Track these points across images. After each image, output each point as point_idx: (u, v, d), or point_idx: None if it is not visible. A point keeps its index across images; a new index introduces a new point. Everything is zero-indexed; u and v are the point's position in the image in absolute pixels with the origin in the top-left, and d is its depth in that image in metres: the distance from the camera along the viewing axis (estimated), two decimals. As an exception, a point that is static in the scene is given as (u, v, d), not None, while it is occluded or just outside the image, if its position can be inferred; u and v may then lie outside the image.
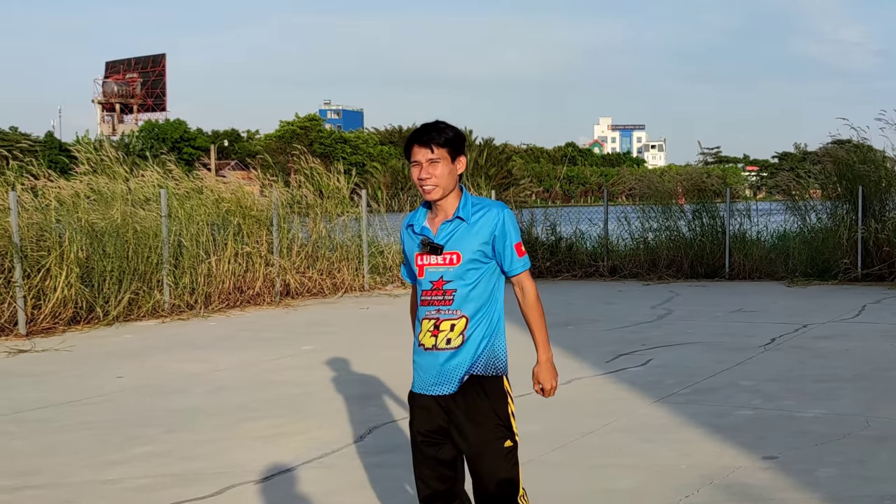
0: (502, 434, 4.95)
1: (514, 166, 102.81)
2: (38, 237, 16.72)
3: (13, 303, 15.80)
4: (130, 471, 8.31)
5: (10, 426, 10.05)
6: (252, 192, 20.91)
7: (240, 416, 10.24)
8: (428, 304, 5.03)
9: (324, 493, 7.58)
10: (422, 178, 4.93)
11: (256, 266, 19.84)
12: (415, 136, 4.99)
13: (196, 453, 8.82)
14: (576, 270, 25.10)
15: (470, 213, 4.97)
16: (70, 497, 7.60)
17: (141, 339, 15.81)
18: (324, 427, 9.70)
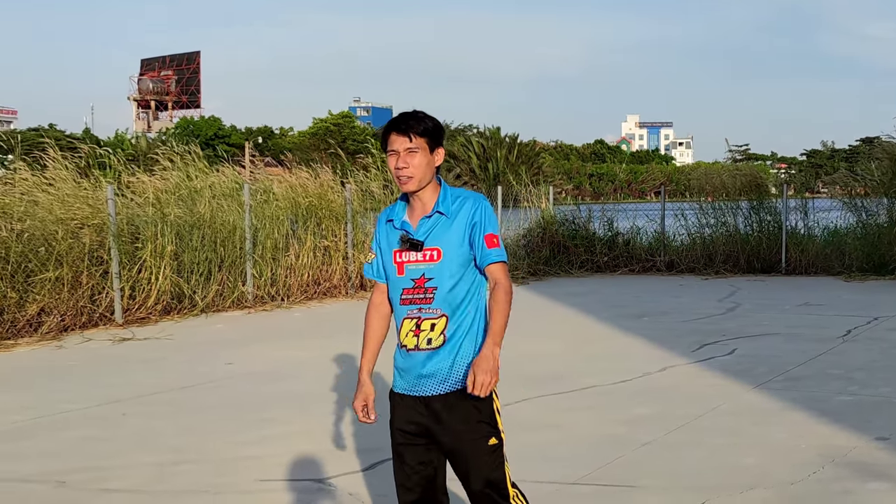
0: (486, 432, 4.78)
1: (543, 163, 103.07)
2: (132, 231, 17.25)
3: (111, 293, 16.35)
4: (269, 449, 8.81)
5: (141, 408, 10.57)
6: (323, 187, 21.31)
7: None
8: (409, 304, 4.84)
9: (468, 469, 8.07)
10: (398, 167, 4.76)
11: (334, 259, 20.36)
12: (392, 124, 4.83)
13: (338, 433, 9.31)
14: (633, 265, 25.49)
15: (450, 206, 4.81)
16: (222, 470, 8.11)
17: (232, 328, 16.35)
18: (446, 409, 10.18)
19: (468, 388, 4.54)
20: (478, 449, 4.76)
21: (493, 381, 4.55)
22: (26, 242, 15.64)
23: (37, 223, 16.06)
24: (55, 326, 15.27)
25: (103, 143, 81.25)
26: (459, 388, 4.70)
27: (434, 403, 4.78)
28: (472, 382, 4.54)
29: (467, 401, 4.69)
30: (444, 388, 4.76)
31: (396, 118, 4.82)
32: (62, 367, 13.01)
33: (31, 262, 15.56)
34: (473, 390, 4.53)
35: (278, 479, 7.86)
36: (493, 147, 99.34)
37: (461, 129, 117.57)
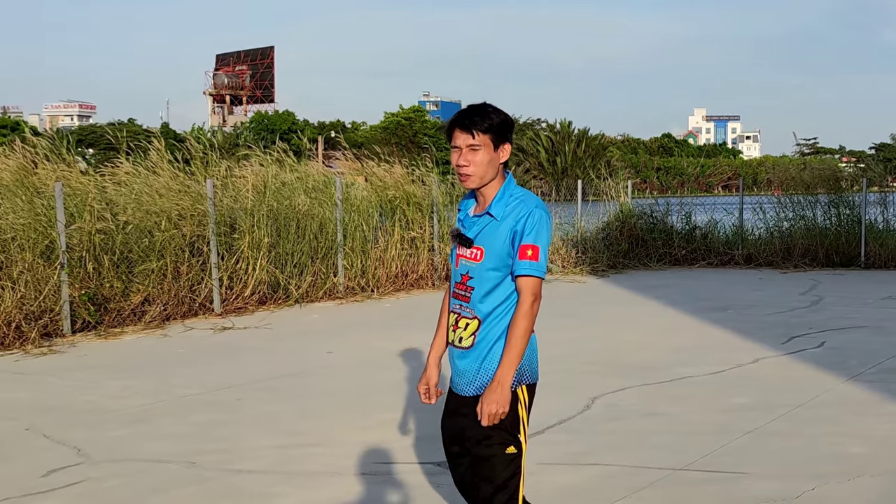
0: (504, 439, 4.64)
1: (611, 157, 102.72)
2: (230, 223, 17.62)
3: (210, 283, 16.72)
4: (386, 434, 9.06)
5: (255, 394, 10.87)
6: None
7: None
8: (455, 297, 4.83)
9: (579, 453, 8.28)
10: (459, 164, 4.65)
11: (420, 251, 20.62)
12: (457, 119, 4.68)
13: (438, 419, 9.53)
14: (711, 258, 25.48)
15: (503, 208, 4.64)
16: (345, 453, 8.36)
17: (327, 318, 16.65)
18: (549, 397, 10.38)
19: (478, 414, 4.57)
20: (493, 455, 4.65)
21: (502, 412, 4.52)
22: (130, 234, 16.05)
23: (142, 214, 16.46)
24: (158, 316, 15.65)
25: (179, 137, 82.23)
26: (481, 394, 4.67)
27: (463, 405, 4.79)
28: (479, 411, 4.56)
29: None
30: (471, 390, 4.74)
31: (462, 112, 4.70)
32: (171, 354, 13.37)
33: (134, 252, 15.96)
34: (481, 419, 4.55)
35: (400, 462, 8.10)
36: (561, 141, 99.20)
37: (530, 123, 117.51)
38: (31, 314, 14.19)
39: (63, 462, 8.27)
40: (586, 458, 8.16)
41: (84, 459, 8.35)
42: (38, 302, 14.28)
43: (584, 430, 9.09)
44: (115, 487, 7.60)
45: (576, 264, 24.10)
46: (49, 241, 14.91)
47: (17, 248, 14.63)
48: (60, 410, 10.19)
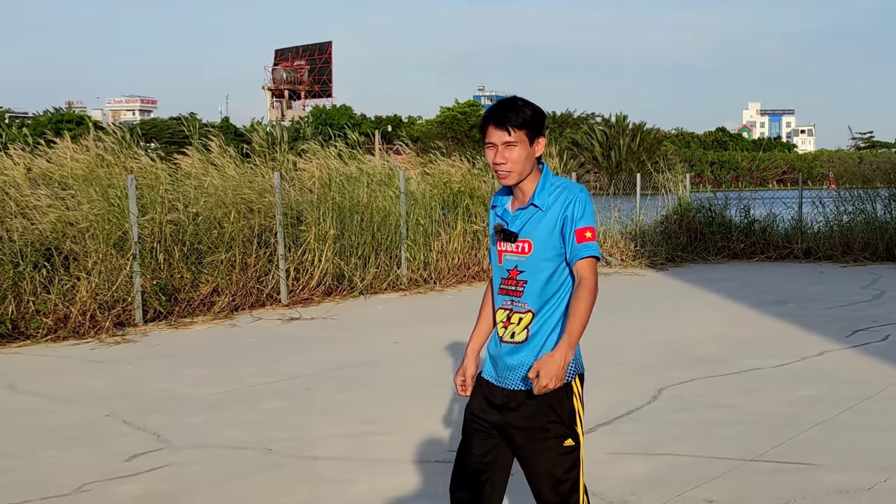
0: (561, 432, 4.53)
1: (666, 151, 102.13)
2: (296, 215, 17.76)
3: (277, 275, 16.87)
4: (457, 423, 9.10)
5: (324, 383, 10.97)
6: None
7: (530, 378, 10.97)
8: (504, 294, 4.67)
9: (648, 444, 8.29)
10: (496, 162, 4.52)
11: (482, 244, 20.66)
12: (490, 116, 4.55)
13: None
14: (770, 252, 25.28)
15: (546, 198, 4.53)
16: (417, 441, 8.44)
17: (392, 309, 16.75)
18: (616, 387, 10.41)
19: (531, 377, 4.31)
20: (550, 449, 4.53)
21: (554, 386, 4.26)
22: (200, 225, 16.24)
23: (211, 206, 16.64)
24: (226, 306, 15.81)
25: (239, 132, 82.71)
26: None
27: (513, 399, 4.59)
28: (534, 374, 4.29)
29: (545, 399, 4.48)
30: (526, 384, 4.54)
31: (494, 108, 4.56)
32: (241, 344, 13.52)
33: (204, 244, 16.14)
34: (533, 383, 4.30)
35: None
36: (615, 135, 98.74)
37: (584, 118, 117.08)
38: (105, 304, 14.40)
39: (144, 447, 8.41)
40: (656, 448, 8.17)
41: (164, 445, 8.49)
42: (111, 292, 14.48)
43: (652, 420, 9.10)
44: (196, 473, 7.72)
45: (634, 257, 24.02)
46: (122, 232, 15.10)
47: (91, 240, 14.83)
48: (137, 397, 10.35)
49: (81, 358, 12.58)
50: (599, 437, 8.50)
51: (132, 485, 7.41)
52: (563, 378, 4.29)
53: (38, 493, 7.23)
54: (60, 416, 9.68)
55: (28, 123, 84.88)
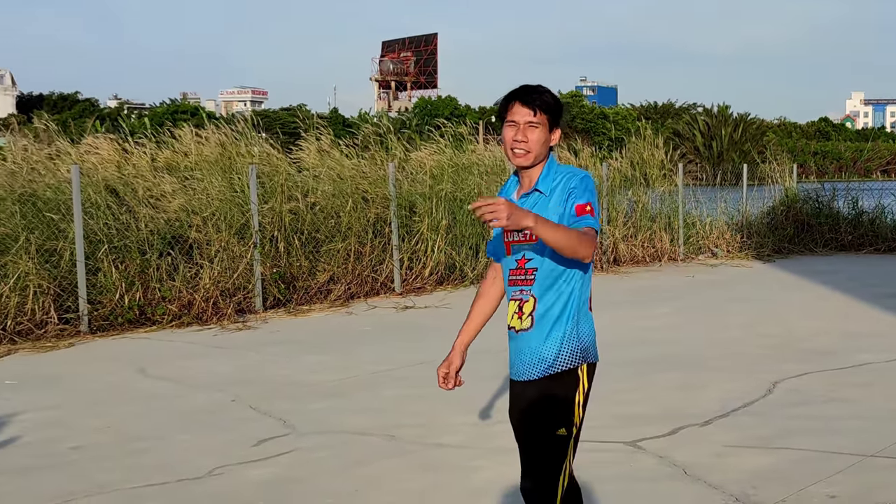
0: (556, 419, 4.44)
1: (768, 141, 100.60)
2: (410, 206, 17.84)
3: (391, 264, 16.97)
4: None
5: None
6: None
7: (644, 369, 10.91)
8: (514, 285, 4.56)
9: (767, 437, 8.17)
10: (516, 139, 4.41)
11: (590, 234, 20.54)
12: (519, 94, 4.46)
13: (629, 399, 9.54)
14: (879, 244, 24.76)
15: (550, 183, 4.44)
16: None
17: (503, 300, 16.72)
18: (730, 380, 10.29)
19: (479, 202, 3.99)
20: (541, 434, 4.47)
21: (499, 217, 3.89)
22: (317, 214, 16.40)
23: (328, 195, 16.80)
24: (342, 294, 15.96)
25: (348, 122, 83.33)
26: (546, 374, 4.44)
27: (525, 389, 4.53)
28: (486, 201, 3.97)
29: (549, 387, 4.44)
30: (534, 373, 4.49)
31: (520, 89, 4.48)
32: (358, 331, 13.63)
33: (321, 233, 16.30)
34: (482, 204, 3.95)
35: (591, 441, 8.11)
36: (717, 125, 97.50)
37: (686, 108, 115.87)
38: (227, 291, 14.63)
39: (271, 433, 8.53)
40: (774, 441, 8.05)
41: (290, 430, 8.59)
42: (232, 279, 14.70)
43: (768, 413, 8.97)
44: (323, 458, 7.80)
45: (740, 249, 23.70)
46: (243, 220, 15.32)
47: (214, 228, 15.06)
48: (261, 383, 10.49)
49: (205, 344, 12.80)
50: (716, 430, 8.42)
51: (262, 469, 7.52)
52: (509, 220, 3.93)
53: (174, 475, 7.38)
54: (189, 400, 9.86)
55: (146, 114, 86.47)
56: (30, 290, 12.92)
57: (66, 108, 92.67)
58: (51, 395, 10.11)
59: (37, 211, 13.74)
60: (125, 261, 13.93)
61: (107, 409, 9.51)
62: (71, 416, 9.28)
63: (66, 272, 13.49)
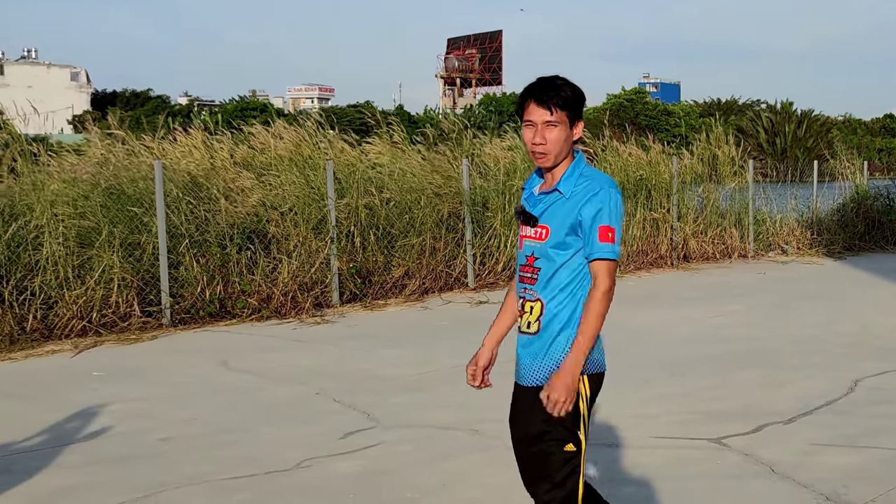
0: (562, 435, 4.23)
1: (833, 138, 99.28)
2: (482, 201, 17.78)
3: (464, 259, 16.93)
4: (664, 407, 9.00)
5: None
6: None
7: (723, 366, 10.77)
8: (521, 281, 4.42)
9: (852, 436, 8.03)
10: (534, 142, 4.25)
11: (661, 231, 20.40)
12: (532, 92, 4.27)
13: (711, 396, 9.42)
14: (952, 243, 24.34)
15: (572, 186, 4.25)
16: (620, 426, 8.34)
17: (575, 294, 16.63)
18: (811, 378, 10.13)
19: (542, 400, 4.14)
20: (549, 453, 4.26)
21: (569, 402, 4.09)
22: (391, 210, 16.40)
23: (401, 191, 16.79)
24: (417, 289, 15.94)
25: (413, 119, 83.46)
26: (546, 383, 4.24)
27: (526, 396, 4.35)
28: (545, 397, 4.13)
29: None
30: (534, 380, 4.31)
31: (535, 85, 4.29)
32: (434, 326, 13.61)
33: (396, 228, 16.30)
34: (546, 406, 4.12)
35: (676, 437, 8.04)
36: (781, 122, 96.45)
37: (749, 104, 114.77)
38: (304, 285, 14.67)
39: (356, 426, 8.52)
40: (860, 440, 7.90)
41: (375, 424, 8.58)
42: (310, 274, 14.75)
43: (851, 412, 8.81)
44: (409, 452, 7.78)
45: (811, 246, 23.38)
46: (320, 215, 15.35)
47: (292, 223, 15.11)
48: (343, 377, 10.50)
49: (285, 337, 12.84)
50: (801, 428, 8.28)
51: (350, 461, 7.52)
52: (574, 396, 4.11)
53: (262, 467, 7.39)
54: (272, 393, 9.89)
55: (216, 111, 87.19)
56: (114, 284, 13.04)
57: (138, 104, 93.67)
58: (137, 387, 10.19)
59: (121, 205, 13.85)
60: (206, 255, 14.01)
61: (192, 402, 9.56)
62: (158, 407, 9.34)
63: (148, 266, 13.60)
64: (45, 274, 12.77)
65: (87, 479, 7.19)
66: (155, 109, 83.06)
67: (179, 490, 6.92)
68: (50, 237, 13.00)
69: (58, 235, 13.05)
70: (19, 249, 12.88)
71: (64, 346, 12.20)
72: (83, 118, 59.61)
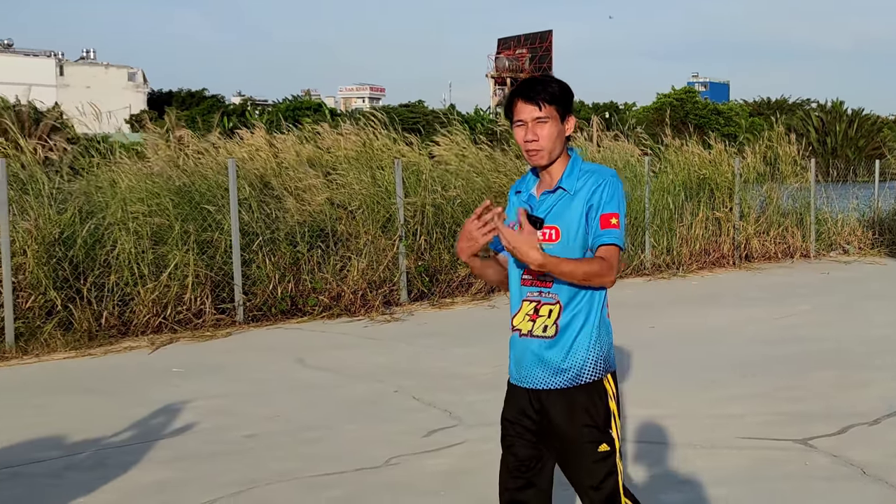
0: (595, 437, 4.16)
1: (884, 138, 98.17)
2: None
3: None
4: (744, 408, 8.89)
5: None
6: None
7: (800, 366, 10.64)
8: (530, 285, 4.23)
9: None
10: (527, 139, 4.15)
11: (723, 230, 20.25)
12: (518, 91, 4.21)
13: (792, 396, 9.30)
14: None
15: (574, 181, 4.16)
16: (704, 426, 8.26)
17: (639, 293, 16.52)
18: (891, 379, 9.97)
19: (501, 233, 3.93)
20: (585, 455, 4.17)
21: (514, 248, 3.89)
22: (456, 208, 16.37)
23: (465, 189, 16.75)
24: (483, 287, 15.89)
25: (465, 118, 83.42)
26: (571, 385, 4.16)
27: (544, 399, 4.21)
28: (506, 231, 3.93)
29: (578, 400, 4.17)
30: (556, 382, 4.18)
31: (522, 84, 4.24)
32: (503, 325, 13.43)
33: (461, 227, 16.24)
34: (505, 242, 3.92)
35: (761, 438, 7.94)
36: (832, 121, 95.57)
37: (799, 103, 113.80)
38: (373, 283, 14.67)
39: (439, 424, 8.50)
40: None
41: (457, 422, 8.56)
42: (378, 272, 14.75)
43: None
44: (494, 450, 7.65)
45: (872, 246, 23.12)
46: (388, 214, 15.35)
47: (362, 221, 15.12)
48: (419, 374, 10.48)
49: (357, 335, 12.85)
50: (887, 429, 8.17)
51: (437, 459, 7.50)
52: (524, 254, 3.90)
53: (350, 464, 7.37)
54: (349, 390, 9.89)
55: (269, 111, 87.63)
56: (189, 281, 13.10)
57: (193, 104, 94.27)
58: (217, 384, 10.24)
59: (194, 204, 13.92)
60: (276, 253, 14.05)
61: (272, 398, 9.58)
62: (239, 404, 9.37)
63: (220, 263, 13.66)
64: (121, 271, 12.85)
65: (178, 475, 7.23)
66: (210, 109, 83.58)
67: (270, 486, 6.92)
68: (125, 234, 13.07)
69: (132, 233, 13.13)
70: (96, 247, 12.96)
71: (140, 343, 12.30)
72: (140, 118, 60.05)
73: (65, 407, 9.31)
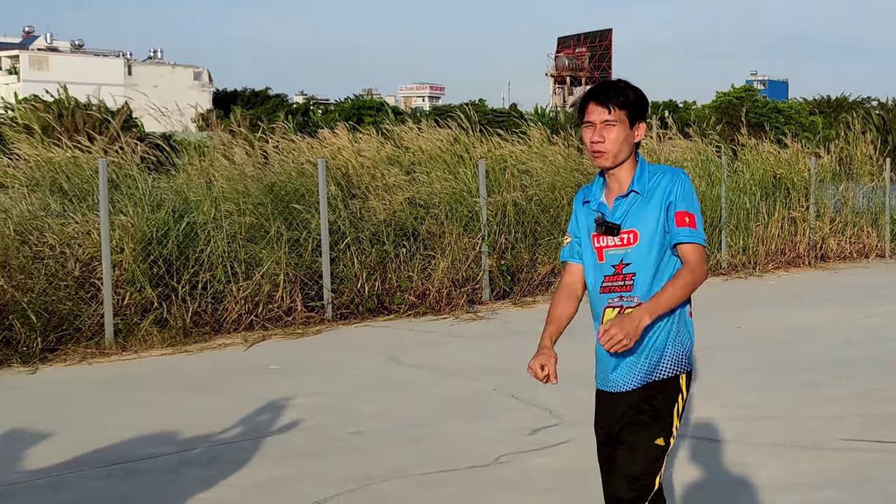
0: (655, 429, 4.21)
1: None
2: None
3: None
4: (843, 409, 8.81)
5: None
6: None
7: (893, 367, 10.54)
8: (609, 291, 4.32)
9: None
10: (593, 140, 4.20)
11: (799, 229, 20.07)
12: (591, 93, 4.26)
13: (888, 398, 9.21)
14: None
15: (646, 184, 4.22)
16: (805, 427, 8.20)
17: (716, 293, 16.35)
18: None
19: (599, 332, 4.13)
20: (639, 442, 4.21)
21: (623, 344, 3.99)
22: (534, 208, 16.36)
23: (545, 189, 16.74)
24: (562, 286, 15.85)
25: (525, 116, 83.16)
26: (645, 383, 4.24)
27: (623, 400, 4.30)
28: (602, 331, 4.08)
29: (649, 394, 4.23)
30: (634, 382, 4.27)
31: (596, 87, 4.29)
32: (589, 324, 13.45)
33: (541, 226, 16.26)
34: (600, 338, 4.08)
35: (862, 440, 7.87)
36: (893, 119, 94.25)
37: (860, 102, 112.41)
38: (457, 282, 14.70)
39: (541, 422, 8.52)
40: None
41: (559, 420, 8.57)
42: (462, 271, 14.78)
43: None
44: (599, 450, 7.72)
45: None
46: (470, 213, 15.38)
47: (446, 220, 15.15)
48: (512, 372, 10.42)
49: (444, 333, 12.90)
50: None
51: (545, 458, 7.52)
52: (633, 341, 4.01)
53: (461, 462, 7.41)
54: (447, 388, 9.93)
55: (332, 110, 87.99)
56: (280, 279, 13.21)
57: (257, 103, 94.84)
58: (316, 381, 10.31)
59: (284, 204, 14.02)
60: (363, 251, 14.13)
61: (373, 396, 9.64)
62: (341, 401, 9.44)
63: (309, 262, 13.75)
64: (214, 269, 12.97)
65: (291, 472, 7.30)
66: (274, 108, 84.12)
67: (387, 483, 6.98)
68: (217, 233, 13.20)
69: (224, 231, 13.26)
70: (189, 245, 13.10)
71: (234, 340, 12.42)
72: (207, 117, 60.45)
73: (171, 403, 9.43)
